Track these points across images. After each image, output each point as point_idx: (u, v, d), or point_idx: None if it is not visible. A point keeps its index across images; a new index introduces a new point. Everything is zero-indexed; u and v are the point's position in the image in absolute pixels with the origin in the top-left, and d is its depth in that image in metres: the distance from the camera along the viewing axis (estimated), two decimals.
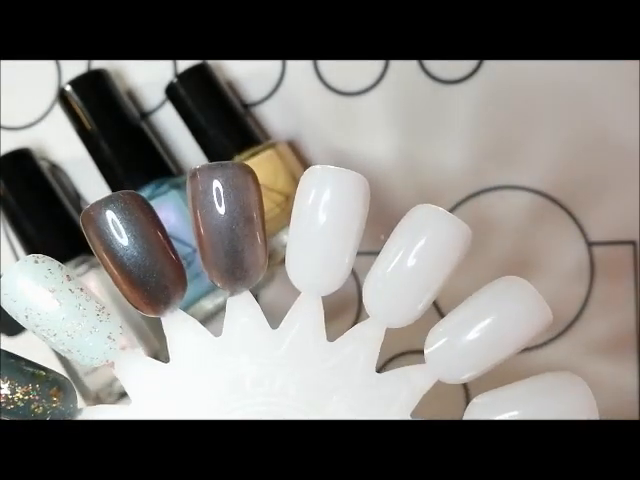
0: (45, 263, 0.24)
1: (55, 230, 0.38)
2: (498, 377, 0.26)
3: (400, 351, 0.38)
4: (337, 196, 0.24)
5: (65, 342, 0.24)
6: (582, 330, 0.38)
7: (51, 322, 0.24)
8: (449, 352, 0.24)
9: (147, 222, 0.24)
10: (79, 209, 0.41)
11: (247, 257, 0.24)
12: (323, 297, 0.26)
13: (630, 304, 0.38)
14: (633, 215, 0.38)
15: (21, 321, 0.24)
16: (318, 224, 0.24)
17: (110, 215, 0.24)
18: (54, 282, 0.23)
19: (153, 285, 0.24)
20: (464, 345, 0.24)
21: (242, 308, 0.25)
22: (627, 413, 0.38)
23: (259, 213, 0.24)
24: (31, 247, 0.38)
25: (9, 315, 0.24)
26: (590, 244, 0.38)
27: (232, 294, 0.25)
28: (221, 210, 0.24)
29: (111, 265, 0.24)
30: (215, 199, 0.24)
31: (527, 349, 0.39)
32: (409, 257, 0.24)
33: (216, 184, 0.24)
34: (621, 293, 0.38)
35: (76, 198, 0.42)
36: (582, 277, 0.38)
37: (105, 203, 0.24)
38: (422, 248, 0.24)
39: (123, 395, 0.37)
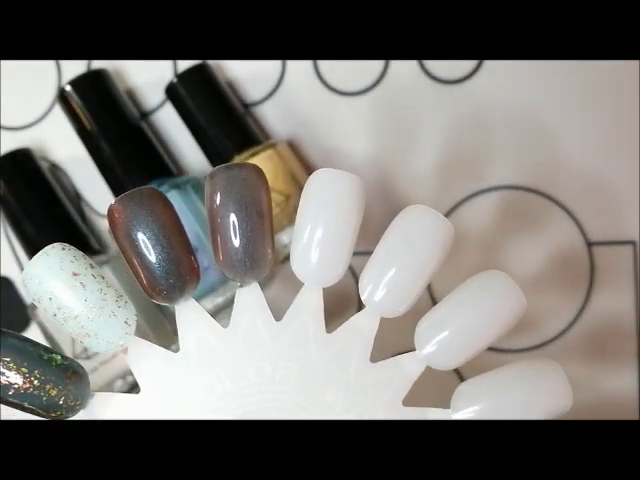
0: (71, 251, 0.26)
1: (55, 230, 0.38)
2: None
3: (400, 351, 0.38)
4: (337, 195, 0.26)
5: (85, 325, 0.25)
6: (582, 330, 0.38)
7: (74, 304, 0.25)
8: (436, 340, 0.26)
9: (167, 216, 0.26)
10: (79, 209, 0.41)
11: (258, 249, 0.26)
12: (324, 295, 0.27)
13: (630, 304, 0.38)
14: (633, 215, 0.38)
15: (44, 304, 0.25)
16: (320, 220, 0.26)
17: (134, 209, 0.25)
18: (79, 267, 0.25)
19: (171, 273, 0.26)
20: (449, 333, 0.26)
21: (249, 300, 0.27)
22: (627, 413, 0.38)
23: (268, 210, 0.26)
24: (31, 247, 0.38)
25: (9, 314, 0.25)
26: (590, 244, 0.38)
27: (241, 285, 0.27)
28: (236, 204, 0.26)
29: (132, 255, 0.26)
30: (231, 195, 0.26)
31: (527, 349, 0.39)
32: (400, 251, 0.26)
33: (233, 181, 0.26)
34: (621, 293, 0.38)
35: (76, 198, 0.42)
36: (582, 277, 0.39)
37: (129, 198, 0.26)
38: (410, 243, 0.26)
39: None
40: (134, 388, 0.37)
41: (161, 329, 0.37)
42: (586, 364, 0.38)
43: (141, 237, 0.25)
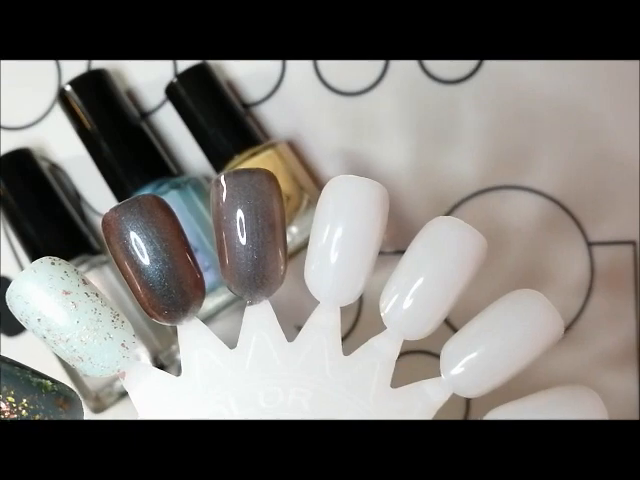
0: (61, 265, 0.23)
1: (55, 230, 0.38)
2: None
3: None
4: (357, 206, 0.24)
5: (77, 348, 0.23)
6: (582, 330, 0.38)
7: (65, 326, 0.23)
8: (465, 366, 0.24)
9: (169, 227, 0.24)
10: (79, 209, 0.41)
11: (269, 264, 0.24)
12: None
13: (630, 304, 0.38)
14: (633, 215, 0.38)
15: (31, 326, 0.23)
16: (338, 234, 0.24)
17: (132, 219, 0.23)
18: (70, 285, 0.23)
19: (172, 291, 0.23)
20: (479, 359, 0.24)
21: (259, 319, 0.25)
22: (627, 413, 0.38)
23: (281, 220, 0.24)
24: (31, 247, 0.38)
25: (9, 315, 0.24)
26: (590, 244, 0.38)
27: (251, 303, 0.25)
28: (246, 216, 0.23)
29: (130, 270, 0.23)
30: (240, 205, 0.23)
31: None
32: (428, 270, 0.24)
33: (243, 190, 0.23)
34: (621, 293, 0.38)
35: (76, 198, 0.42)
36: (582, 277, 0.38)
37: (127, 207, 0.23)
38: (441, 260, 0.24)
39: (123, 395, 0.37)
40: None
41: (161, 329, 0.37)
42: (586, 365, 0.38)
43: (139, 251, 0.23)
